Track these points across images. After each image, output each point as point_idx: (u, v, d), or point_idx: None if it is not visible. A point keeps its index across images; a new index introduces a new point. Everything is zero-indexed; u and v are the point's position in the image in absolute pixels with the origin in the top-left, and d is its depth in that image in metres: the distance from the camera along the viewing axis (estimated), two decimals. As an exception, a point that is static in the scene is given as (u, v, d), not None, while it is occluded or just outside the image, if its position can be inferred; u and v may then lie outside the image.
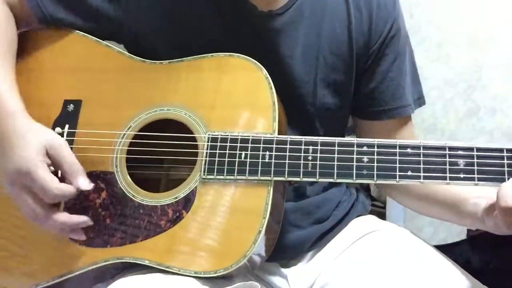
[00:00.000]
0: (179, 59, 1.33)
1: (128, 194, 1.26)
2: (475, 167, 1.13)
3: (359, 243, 1.39)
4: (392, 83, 1.43)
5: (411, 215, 2.32)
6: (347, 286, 1.29)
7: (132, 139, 1.29)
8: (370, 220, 1.49)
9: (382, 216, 2.27)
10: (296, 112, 1.34)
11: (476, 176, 1.13)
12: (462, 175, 1.13)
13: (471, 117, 2.47)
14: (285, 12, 1.35)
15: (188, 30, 1.35)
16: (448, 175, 1.14)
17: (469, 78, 2.46)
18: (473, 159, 1.13)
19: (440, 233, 2.43)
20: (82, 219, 1.22)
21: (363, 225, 1.44)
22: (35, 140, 1.19)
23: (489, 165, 1.13)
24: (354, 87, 1.42)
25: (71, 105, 1.34)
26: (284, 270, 1.40)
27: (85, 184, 1.21)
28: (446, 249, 1.38)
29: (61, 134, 1.31)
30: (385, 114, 1.44)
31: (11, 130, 1.21)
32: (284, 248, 1.35)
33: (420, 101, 1.50)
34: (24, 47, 1.37)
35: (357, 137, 1.48)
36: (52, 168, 1.21)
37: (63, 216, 1.21)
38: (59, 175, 1.22)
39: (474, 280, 1.26)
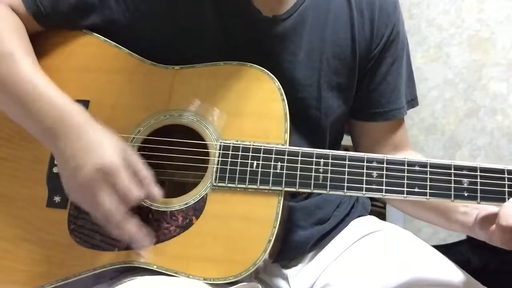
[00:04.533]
0: (191, 65, 1.33)
1: None
2: (478, 187, 1.16)
3: (360, 244, 1.40)
4: (389, 86, 1.45)
5: (411, 215, 2.34)
6: (347, 287, 1.30)
7: (141, 143, 1.30)
8: (371, 220, 1.50)
9: (382, 216, 2.28)
10: (301, 116, 1.35)
11: (479, 195, 1.16)
12: (466, 194, 1.16)
13: (471, 117, 2.48)
14: (289, 17, 1.36)
15: (191, 35, 1.35)
16: (452, 193, 1.16)
17: (469, 78, 2.47)
18: (477, 178, 1.16)
19: (440, 233, 2.45)
20: (147, 240, 1.20)
21: (363, 225, 1.46)
22: (113, 143, 1.18)
23: (491, 185, 1.16)
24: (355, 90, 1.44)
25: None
26: (285, 271, 1.41)
27: (159, 193, 1.20)
28: (446, 249, 1.39)
29: None
30: (380, 116, 1.46)
31: (84, 130, 1.18)
32: (285, 249, 1.35)
33: (413, 102, 1.52)
34: (32, 46, 1.36)
35: (352, 138, 1.54)
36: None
37: (135, 226, 1.18)
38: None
39: (474, 281, 1.28)
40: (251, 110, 1.28)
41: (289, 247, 1.37)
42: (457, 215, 1.27)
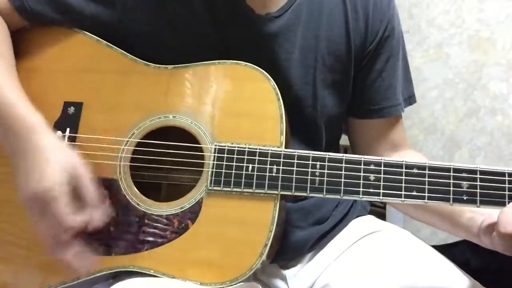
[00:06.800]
0: (184, 65, 1.31)
1: (132, 203, 1.25)
2: (478, 190, 1.14)
3: (359, 244, 1.39)
4: (384, 83, 1.44)
5: (411, 215, 2.34)
6: (347, 287, 1.29)
7: (135, 146, 1.29)
8: (370, 220, 1.49)
9: (382, 216, 2.27)
10: (297, 115, 1.34)
11: (478, 199, 1.14)
12: (465, 197, 1.15)
13: (471, 117, 2.47)
14: (283, 14, 1.34)
15: (184, 34, 1.34)
16: (451, 196, 1.15)
17: (469, 78, 2.46)
18: (476, 181, 1.14)
19: (440, 234, 2.43)
20: (85, 263, 1.18)
21: (362, 225, 1.45)
22: (57, 166, 1.15)
23: (491, 188, 1.14)
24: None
25: (72, 107, 1.32)
26: (284, 271, 1.40)
27: (100, 220, 1.19)
28: (445, 249, 1.38)
29: (62, 138, 1.29)
30: (376, 113, 1.45)
31: (31, 147, 1.17)
32: (284, 250, 1.34)
33: (410, 100, 1.51)
34: (24, 46, 1.36)
35: (348, 137, 1.53)
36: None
37: (67, 256, 1.16)
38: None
39: (473, 281, 1.27)
40: (246, 111, 1.27)
41: (288, 248, 1.36)
42: (463, 220, 1.25)
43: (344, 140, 1.56)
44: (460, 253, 2.05)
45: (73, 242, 1.16)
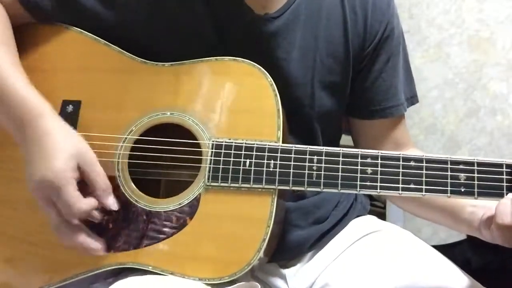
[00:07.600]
0: (182, 62, 1.32)
1: (131, 199, 1.25)
2: (475, 182, 1.14)
3: (359, 244, 1.39)
4: (385, 83, 1.44)
5: (411, 215, 2.32)
6: (347, 287, 1.29)
7: (133, 143, 1.29)
8: (370, 220, 1.49)
9: (382, 216, 2.27)
10: (295, 115, 1.34)
11: (476, 190, 1.14)
12: (463, 189, 1.14)
13: (471, 117, 2.47)
14: (282, 15, 1.35)
15: (183, 33, 1.34)
16: (449, 188, 1.15)
17: (469, 78, 2.46)
18: (474, 173, 1.14)
19: (440, 233, 2.44)
20: (97, 245, 1.21)
21: (362, 225, 1.45)
22: (66, 151, 1.17)
23: (489, 180, 1.14)
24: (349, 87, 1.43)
25: (70, 105, 1.32)
26: (283, 271, 1.40)
27: (115, 205, 1.22)
28: (446, 249, 1.39)
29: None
30: (377, 113, 1.45)
31: (39, 133, 1.18)
32: (284, 249, 1.35)
33: (412, 99, 1.51)
34: (22, 44, 1.35)
35: (352, 137, 1.52)
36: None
37: (82, 237, 1.19)
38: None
39: (473, 281, 1.27)
40: (244, 106, 1.27)
41: (288, 247, 1.36)
42: (464, 214, 1.25)
43: (343, 140, 1.56)
44: (460, 253, 2.06)
45: (82, 226, 1.20)
